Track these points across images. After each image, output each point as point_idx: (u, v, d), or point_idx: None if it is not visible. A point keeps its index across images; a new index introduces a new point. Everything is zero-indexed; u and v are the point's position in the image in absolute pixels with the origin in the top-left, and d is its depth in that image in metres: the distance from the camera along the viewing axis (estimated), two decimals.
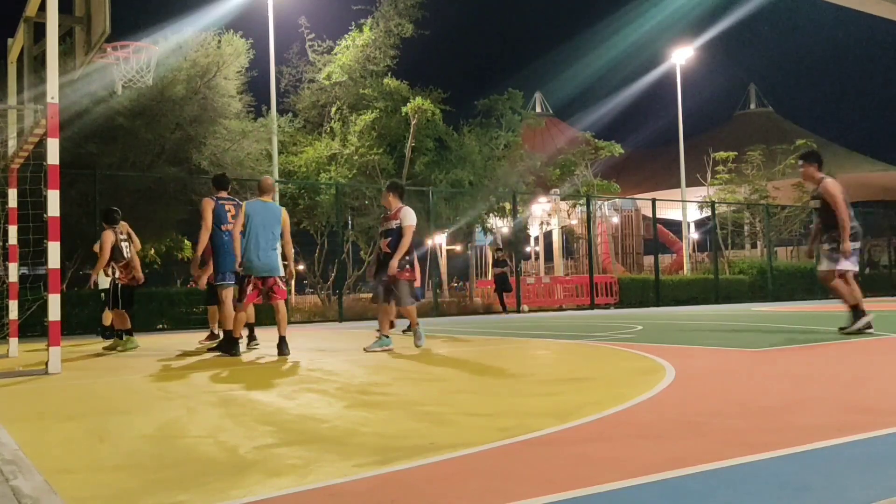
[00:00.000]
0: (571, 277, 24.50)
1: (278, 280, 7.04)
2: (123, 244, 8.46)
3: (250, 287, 6.90)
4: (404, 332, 9.98)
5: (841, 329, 7.23)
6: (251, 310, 7.86)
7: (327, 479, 2.27)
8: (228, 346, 7.07)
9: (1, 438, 3.06)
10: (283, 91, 21.54)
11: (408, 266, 7.16)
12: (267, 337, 8.20)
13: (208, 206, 7.55)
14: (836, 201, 7.13)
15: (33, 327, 10.48)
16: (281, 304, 7.09)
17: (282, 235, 7.12)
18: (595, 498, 1.97)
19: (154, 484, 2.28)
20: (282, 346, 6.93)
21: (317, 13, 27.18)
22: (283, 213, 7.24)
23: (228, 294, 7.48)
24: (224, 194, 7.79)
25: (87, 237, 14.03)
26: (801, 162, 7.64)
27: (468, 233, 25.49)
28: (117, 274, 8.42)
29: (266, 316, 9.73)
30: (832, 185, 7.25)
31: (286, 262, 7.26)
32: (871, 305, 16.34)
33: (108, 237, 8.28)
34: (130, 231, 8.69)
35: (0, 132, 7.91)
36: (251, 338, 8.12)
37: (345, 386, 4.63)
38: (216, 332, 8.74)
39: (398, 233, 7.15)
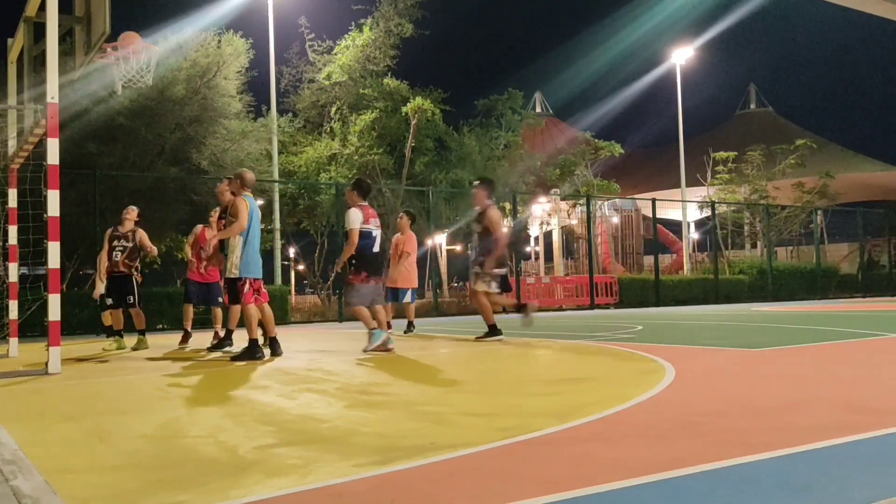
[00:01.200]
0: (571, 277, 24.49)
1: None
2: None
3: (247, 287, 6.72)
4: (404, 332, 10.00)
5: (477, 338, 7.88)
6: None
7: (327, 479, 2.27)
8: (251, 350, 6.70)
9: (1, 438, 3.06)
10: (283, 91, 21.56)
11: (352, 270, 7.07)
12: (238, 338, 8.16)
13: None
14: (496, 228, 7.79)
15: (33, 327, 10.47)
16: (266, 305, 7.02)
17: None
18: (595, 498, 1.97)
19: (154, 484, 2.28)
20: (275, 347, 6.90)
21: (317, 13, 27.22)
22: None
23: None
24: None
25: (87, 237, 14.04)
26: (476, 183, 8.43)
27: (468, 233, 25.49)
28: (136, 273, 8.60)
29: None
30: (495, 214, 7.93)
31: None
32: (872, 305, 16.32)
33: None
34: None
35: (0, 132, 7.91)
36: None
37: (345, 386, 4.63)
38: (219, 331, 8.60)
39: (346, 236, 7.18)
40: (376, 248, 7.18)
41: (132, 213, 8.57)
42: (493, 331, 8.01)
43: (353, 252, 7.02)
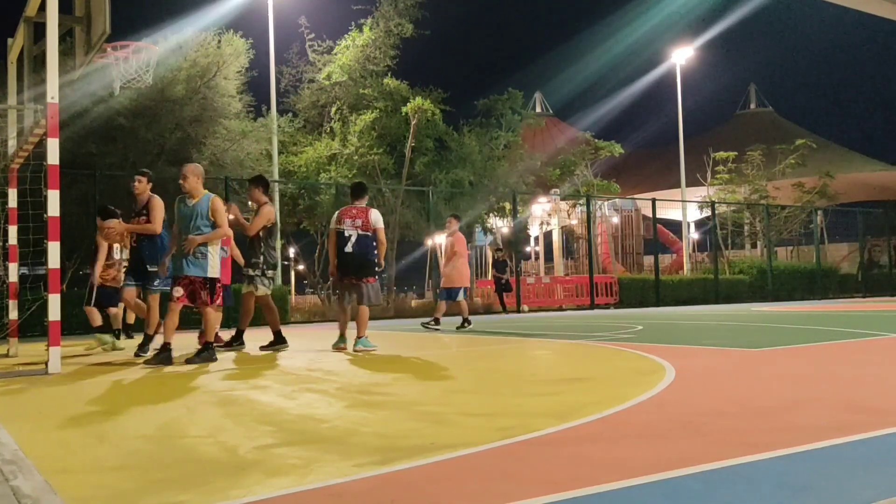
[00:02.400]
0: (571, 277, 24.50)
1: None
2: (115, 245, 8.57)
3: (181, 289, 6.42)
4: (457, 328, 10.55)
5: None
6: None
7: (327, 478, 2.27)
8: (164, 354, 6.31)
9: (1, 438, 3.06)
10: (283, 91, 21.56)
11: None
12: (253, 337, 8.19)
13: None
14: (248, 227, 7.47)
15: (33, 327, 10.47)
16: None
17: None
18: (595, 498, 1.97)
19: (154, 484, 2.28)
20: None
21: (317, 13, 27.23)
22: None
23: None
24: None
25: (87, 237, 14.04)
26: (248, 184, 8.15)
27: (468, 233, 25.50)
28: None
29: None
30: (267, 210, 7.56)
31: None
32: (872, 305, 16.28)
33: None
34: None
35: (0, 132, 7.91)
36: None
37: (345, 386, 4.63)
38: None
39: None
40: (348, 248, 7.23)
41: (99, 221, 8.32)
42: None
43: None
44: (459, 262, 10.57)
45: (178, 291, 6.31)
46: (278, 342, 7.48)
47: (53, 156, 5.82)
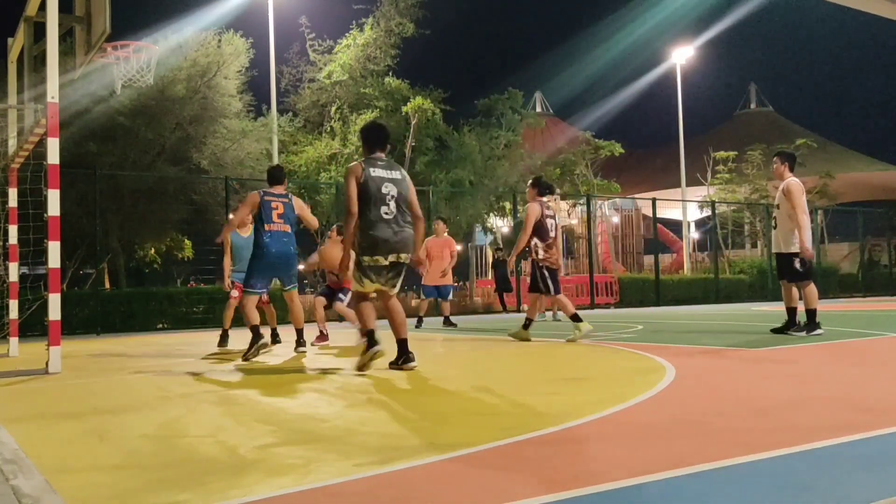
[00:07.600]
0: (571, 277, 24.48)
1: None
2: None
3: None
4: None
5: None
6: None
7: (327, 478, 2.27)
8: None
9: (1, 438, 3.07)
10: (284, 90, 21.59)
11: None
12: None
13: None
14: None
15: (33, 327, 10.47)
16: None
17: None
18: (595, 498, 1.97)
19: (154, 484, 2.29)
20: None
21: (317, 13, 27.22)
22: None
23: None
24: (278, 189, 6.86)
25: (87, 237, 14.05)
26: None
27: (468, 232, 25.51)
28: None
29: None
30: None
31: None
32: (872, 305, 16.25)
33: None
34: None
35: (0, 132, 7.91)
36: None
37: (345, 386, 4.63)
38: None
39: None
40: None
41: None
42: None
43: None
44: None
45: None
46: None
47: (53, 155, 5.82)
